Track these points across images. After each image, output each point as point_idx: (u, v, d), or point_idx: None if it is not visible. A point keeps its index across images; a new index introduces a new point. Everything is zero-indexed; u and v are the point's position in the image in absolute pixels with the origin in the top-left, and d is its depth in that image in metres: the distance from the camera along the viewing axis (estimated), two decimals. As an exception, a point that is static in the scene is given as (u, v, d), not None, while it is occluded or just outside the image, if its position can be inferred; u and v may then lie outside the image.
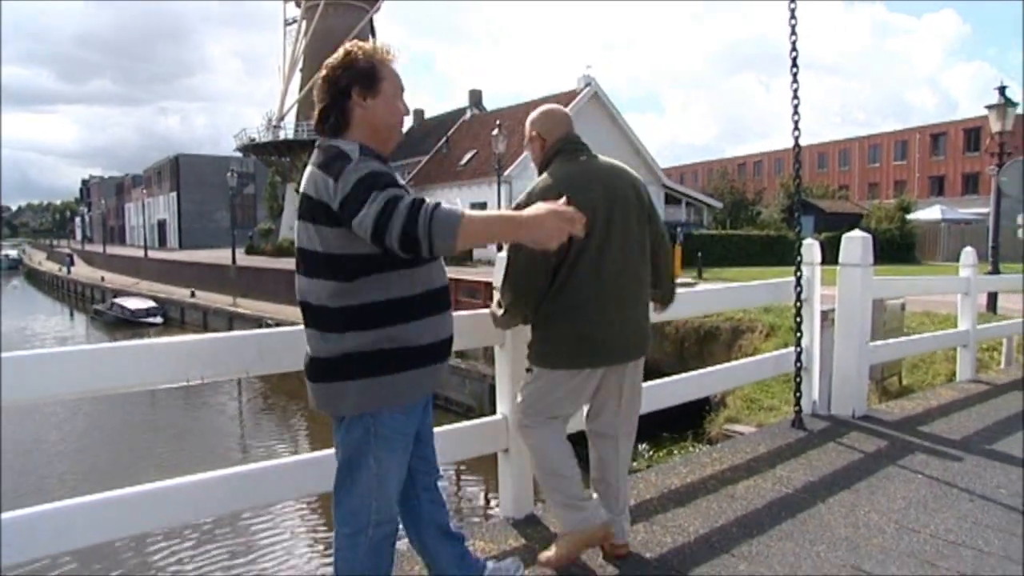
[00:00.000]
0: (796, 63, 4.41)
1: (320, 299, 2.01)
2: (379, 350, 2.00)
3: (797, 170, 4.77)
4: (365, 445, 2.05)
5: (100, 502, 2.32)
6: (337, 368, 2.02)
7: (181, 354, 2.42)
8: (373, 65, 2.08)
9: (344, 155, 1.95)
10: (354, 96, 2.06)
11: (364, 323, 1.99)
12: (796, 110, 4.50)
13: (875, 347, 5.49)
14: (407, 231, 1.79)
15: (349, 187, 1.88)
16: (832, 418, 4.96)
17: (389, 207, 1.82)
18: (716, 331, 11.70)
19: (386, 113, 2.10)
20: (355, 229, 1.88)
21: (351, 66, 2.07)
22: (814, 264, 4.95)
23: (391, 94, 2.11)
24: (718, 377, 4.77)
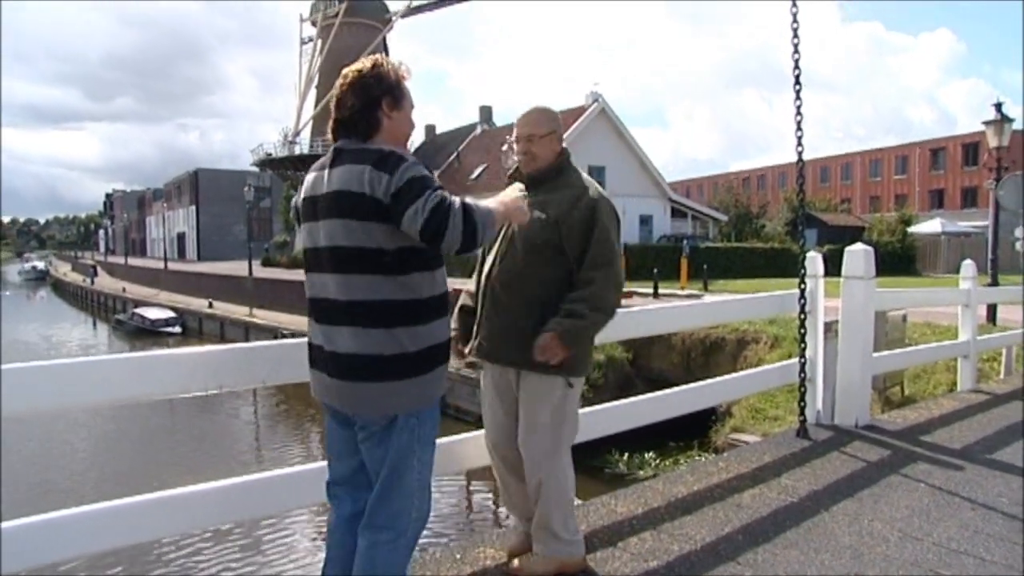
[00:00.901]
0: (799, 80, 4.41)
1: (377, 294, 1.98)
2: (429, 347, 2.03)
3: (801, 184, 4.77)
4: (409, 449, 2.06)
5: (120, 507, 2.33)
6: (393, 366, 1.99)
7: (199, 365, 2.44)
8: (400, 80, 2.14)
9: (398, 154, 2.00)
10: (384, 106, 2.10)
11: (419, 318, 2.02)
12: (799, 126, 4.50)
13: (878, 358, 5.47)
14: (467, 229, 1.93)
15: (403, 182, 1.93)
16: (836, 428, 4.93)
17: (445, 205, 1.92)
18: (722, 342, 11.66)
19: (407, 126, 2.18)
20: (404, 222, 1.93)
21: (384, 78, 2.11)
22: (817, 277, 4.93)
23: (408, 111, 2.18)
24: (724, 387, 4.76)
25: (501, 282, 2.68)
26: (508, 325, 2.65)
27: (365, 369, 2.01)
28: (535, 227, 2.56)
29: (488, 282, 2.72)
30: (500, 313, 2.67)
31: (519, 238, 2.64)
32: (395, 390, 2.01)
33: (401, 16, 47.92)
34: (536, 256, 2.62)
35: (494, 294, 2.69)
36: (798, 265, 4.69)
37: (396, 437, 2.05)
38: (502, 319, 2.66)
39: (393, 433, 2.05)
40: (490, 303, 2.70)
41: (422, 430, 2.08)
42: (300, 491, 2.67)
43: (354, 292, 2.01)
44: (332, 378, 2.08)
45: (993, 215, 12.31)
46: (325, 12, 46.67)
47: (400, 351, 2.00)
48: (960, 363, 6.85)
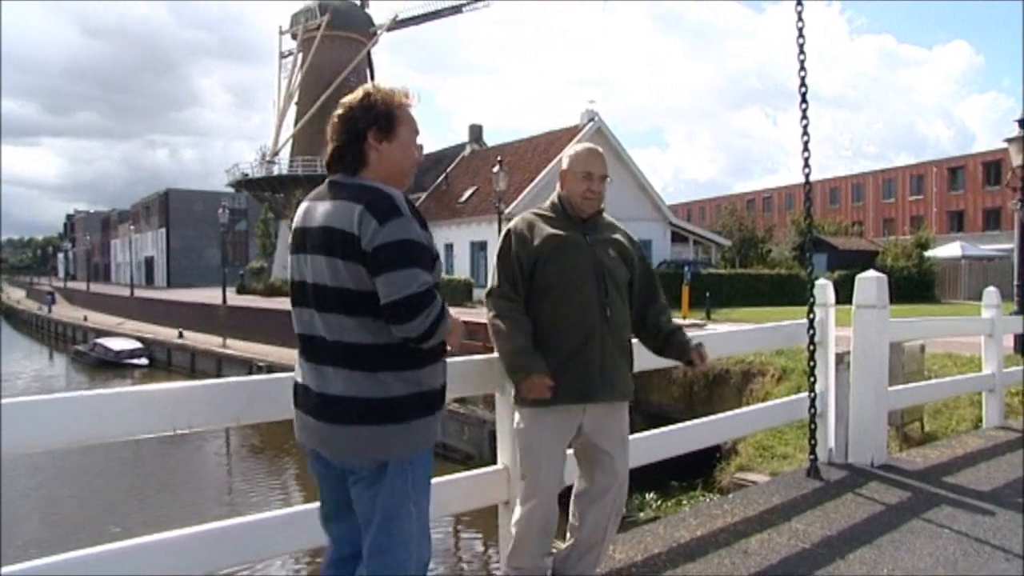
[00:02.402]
0: (805, 98, 4.47)
1: (363, 337, 2.04)
2: (421, 392, 2.09)
3: (808, 207, 4.81)
4: (404, 494, 2.08)
5: (71, 561, 2.25)
6: (380, 410, 2.04)
7: (167, 402, 2.41)
8: (391, 110, 2.16)
9: (397, 207, 2.03)
10: (370, 138, 2.14)
11: (408, 363, 2.07)
12: (806, 146, 4.55)
13: (894, 392, 5.46)
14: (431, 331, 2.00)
15: (391, 240, 1.98)
16: (850, 467, 4.91)
17: (430, 297, 2.00)
18: (726, 375, 11.65)
19: (401, 157, 2.18)
20: (376, 280, 1.99)
21: (370, 109, 2.14)
22: (827, 305, 4.95)
23: (407, 139, 2.19)
24: (729, 423, 4.75)
25: (620, 324, 2.90)
26: (626, 364, 2.94)
27: (352, 412, 2.04)
28: (621, 269, 2.92)
29: (605, 324, 2.83)
30: (624, 353, 2.92)
31: (619, 280, 2.90)
32: (384, 435, 2.04)
33: (387, 30, 48.48)
34: (625, 297, 2.95)
35: (617, 336, 2.87)
36: (806, 293, 4.72)
37: (388, 483, 2.07)
38: (626, 359, 2.93)
39: (385, 479, 2.07)
40: (615, 345, 2.86)
41: (416, 474, 2.11)
42: (278, 537, 2.64)
43: (339, 333, 2.06)
44: (318, 421, 2.10)
45: (1019, 237, 12.13)
46: (306, 24, 47.14)
47: (387, 395, 2.04)
48: (985, 397, 6.83)
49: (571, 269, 2.82)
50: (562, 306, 2.82)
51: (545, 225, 2.91)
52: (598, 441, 2.86)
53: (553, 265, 2.83)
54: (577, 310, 2.81)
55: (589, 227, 2.93)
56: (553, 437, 2.84)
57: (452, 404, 14.03)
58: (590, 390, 2.80)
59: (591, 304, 2.81)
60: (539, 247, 2.85)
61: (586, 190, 2.91)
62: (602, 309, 2.81)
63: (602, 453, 2.86)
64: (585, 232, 2.91)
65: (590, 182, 2.92)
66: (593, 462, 2.89)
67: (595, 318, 2.80)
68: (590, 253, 2.85)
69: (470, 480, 3.24)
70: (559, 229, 2.89)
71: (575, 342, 2.79)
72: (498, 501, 3.26)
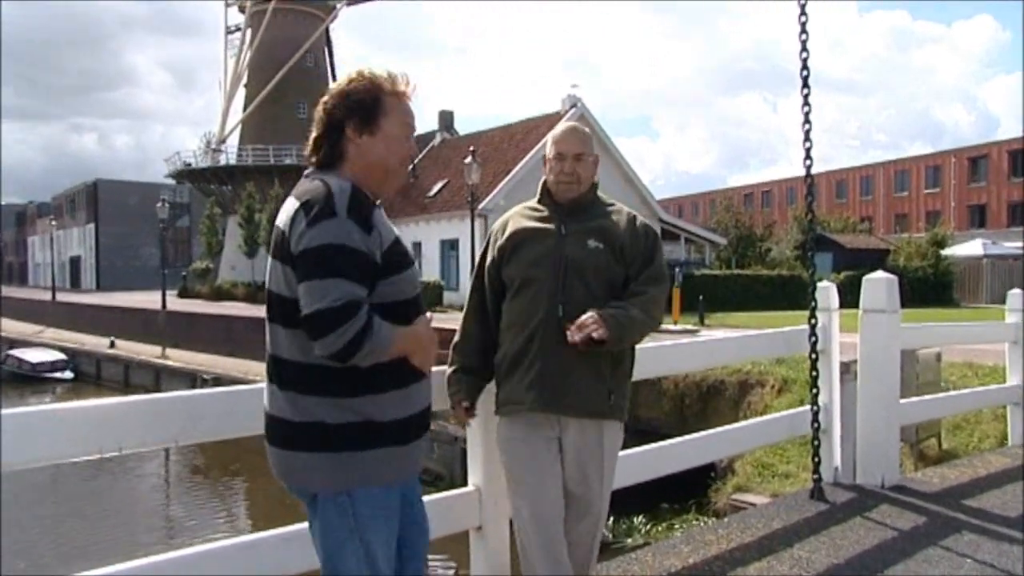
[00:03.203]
0: (808, 83, 4.51)
1: (290, 352, 2.04)
2: (365, 422, 2.04)
3: (810, 202, 4.85)
4: (346, 531, 2.05)
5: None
6: (306, 436, 2.03)
7: (93, 421, 2.35)
8: (377, 98, 2.12)
9: (331, 206, 1.98)
10: (348, 131, 2.12)
11: (344, 388, 2.03)
12: (808, 135, 4.59)
13: (906, 405, 5.49)
14: (349, 349, 1.92)
15: (313, 244, 1.94)
16: (858, 488, 4.95)
17: (348, 312, 1.91)
18: (721, 386, 11.70)
19: (385, 153, 2.14)
20: (298, 289, 1.97)
21: (348, 97, 2.12)
22: (831, 310, 4.99)
23: (394, 133, 2.15)
24: (724, 440, 4.77)
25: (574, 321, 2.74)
26: (595, 373, 2.77)
27: (276, 434, 2.09)
28: (601, 259, 2.78)
29: (554, 323, 2.73)
30: (587, 361, 2.73)
31: (589, 273, 2.78)
32: (308, 463, 2.04)
33: (347, 3, 48.30)
34: (611, 291, 2.80)
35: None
36: (808, 297, 4.75)
37: (323, 517, 2.07)
38: (592, 368, 2.76)
39: (319, 511, 2.08)
40: (570, 349, 2.69)
41: (360, 510, 2.05)
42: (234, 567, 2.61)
43: (273, 345, 2.09)
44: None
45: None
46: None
47: (311, 419, 2.03)
48: (1010, 411, 6.82)
49: (528, 263, 2.81)
50: (514, 305, 2.85)
51: (522, 218, 2.92)
52: (570, 468, 2.83)
53: (513, 261, 2.85)
54: (526, 308, 2.80)
55: (571, 214, 2.88)
56: (529, 449, 2.81)
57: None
58: (525, 399, 2.77)
59: (541, 301, 2.77)
60: (504, 244, 2.89)
61: (559, 172, 2.88)
62: (554, 306, 2.75)
63: (575, 483, 2.83)
64: (564, 221, 2.86)
65: (563, 163, 2.88)
66: (567, 495, 2.85)
67: (543, 317, 2.76)
68: (555, 244, 2.81)
69: (438, 503, 3.22)
70: (537, 221, 2.89)
71: (519, 343, 2.80)
72: (469, 527, 3.26)
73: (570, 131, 2.98)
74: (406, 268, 2.12)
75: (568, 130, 2.99)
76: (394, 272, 2.08)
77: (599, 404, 2.79)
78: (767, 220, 46.26)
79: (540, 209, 2.94)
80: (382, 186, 2.17)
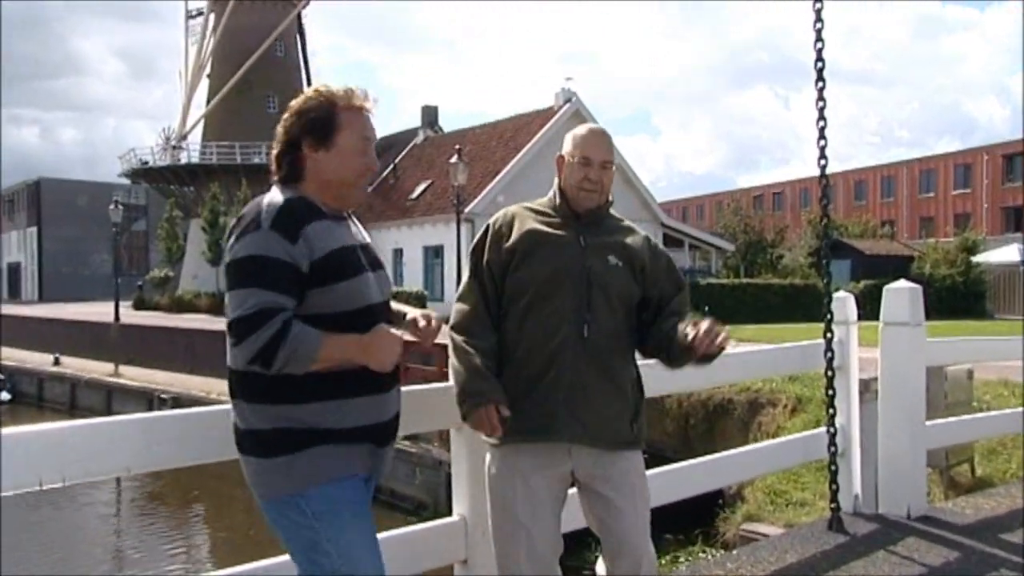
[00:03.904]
0: (822, 76, 4.54)
1: (233, 361, 2.24)
2: (285, 428, 2.24)
3: (825, 205, 4.87)
4: (307, 530, 2.24)
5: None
6: (246, 442, 2.29)
7: (32, 448, 2.29)
8: (332, 115, 2.34)
9: (257, 220, 2.23)
10: (305, 148, 2.35)
11: (259, 396, 2.24)
12: (822, 133, 4.62)
13: (934, 427, 5.47)
14: (262, 356, 2.13)
15: (235, 257, 2.22)
16: (881, 518, 4.94)
17: (261, 319, 2.13)
18: (729, 405, 11.72)
19: (340, 168, 2.35)
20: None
21: (303, 115, 2.35)
22: (848, 323, 5.00)
23: (350, 147, 2.35)
24: (733, 464, 4.78)
25: (605, 348, 2.79)
26: (621, 399, 2.83)
27: (235, 441, 2.35)
28: (622, 278, 2.84)
29: (580, 345, 2.76)
30: (612, 386, 2.80)
31: (612, 291, 2.81)
32: (250, 468, 2.29)
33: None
34: (629, 312, 2.88)
35: (599, 363, 2.78)
36: (823, 309, 4.75)
37: (278, 524, 2.29)
38: (618, 394, 2.82)
39: (269, 513, 2.30)
40: (596, 374, 2.76)
41: (317, 509, 2.23)
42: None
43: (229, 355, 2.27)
44: None
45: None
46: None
47: (248, 427, 2.27)
48: (1052, 435, 6.82)
49: (546, 273, 2.78)
50: (528, 319, 2.79)
51: (531, 220, 2.89)
52: (595, 504, 2.82)
53: (525, 267, 2.81)
54: (545, 325, 2.77)
55: (588, 225, 2.89)
56: (530, 486, 2.76)
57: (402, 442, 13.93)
58: (548, 427, 2.73)
59: (564, 318, 2.75)
60: (513, 245, 2.84)
61: (583, 179, 2.87)
62: (578, 325, 2.74)
63: (603, 518, 2.81)
64: (581, 231, 2.86)
65: (588, 169, 2.87)
66: (600, 532, 2.85)
67: (567, 336, 2.74)
68: (578, 256, 2.80)
69: (420, 535, 3.23)
70: (547, 226, 2.86)
71: (537, 365, 2.76)
72: (454, 560, 3.25)
73: (599, 135, 2.97)
74: (349, 277, 2.29)
75: (597, 134, 2.98)
76: (331, 281, 2.25)
77: (624, 433, 2.82)
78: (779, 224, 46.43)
79: (549, 213, 2.92)
80: (341, 199, 2.39)
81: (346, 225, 2.41)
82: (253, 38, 45.58)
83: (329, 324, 2.22)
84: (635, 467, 2.86)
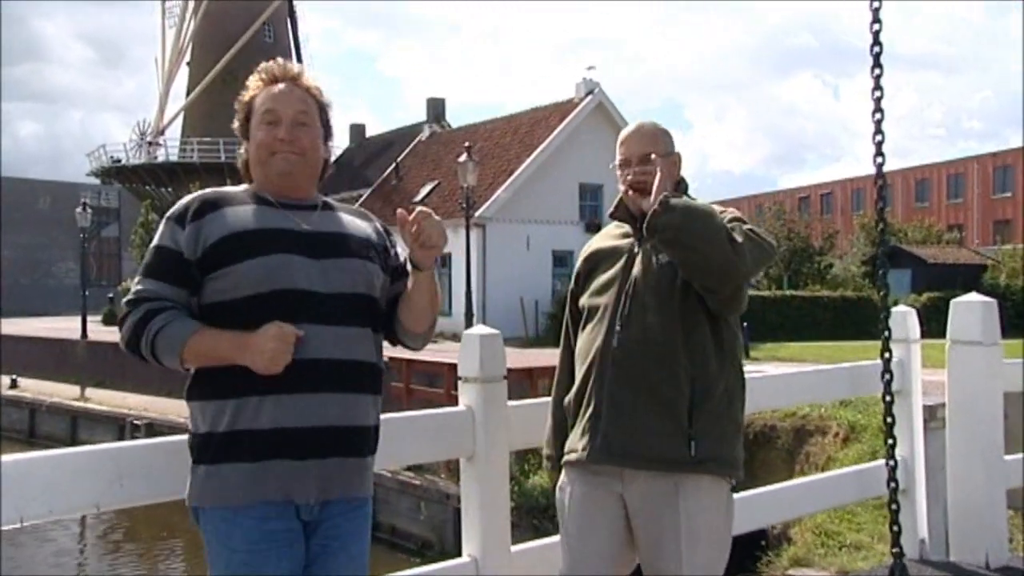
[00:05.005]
0: (879, 62, 4.50)
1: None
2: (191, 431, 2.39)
3: (881, 208, 4.83)
4: (212, 550, 2.35)
5: None
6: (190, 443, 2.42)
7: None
8: (247, 102, 2.56)
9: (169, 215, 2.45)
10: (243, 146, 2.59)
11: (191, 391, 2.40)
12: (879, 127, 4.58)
13: (1013, 462, 5.38)
14: (129, 345, 2.34)
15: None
16: (953, 567, 4.85)
17: (131, 306, 2.34)
18: (771, 433, 11.70)
19: (254, 152, 2.54)
20: None
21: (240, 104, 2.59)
22: (910, 341, 4.95)
23: (255, 127, 2.53)
24: (777, 500, 4.75)
25: (638, 354, 2.83)
26: (667, 414, 2.80)
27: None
28: (667, 275, 2.83)
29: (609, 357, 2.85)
30: (650, 398, 2.81)
31: (651, 294, 2.84)
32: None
33: (313, -35, 48.61)
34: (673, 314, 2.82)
35: (628, 372, 2.83)
36: (880, 325, 4.71)
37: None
38: (661, 405, 2.80)
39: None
40: (627, 385, 2.83)
41: (207, 528, 2.35)
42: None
43: None
44: None
45: None
46: (201, -44, 47.23)
47: (192, 429, 2.40)
48: None
49: (597, 289, 2.97)
50: (580, 338, 3.02)
51: (601, 237, 3.16)
52: (639, 538, 2.84)
53: (585, 290, 3.03)
54: (585, 343, 2.95)
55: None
56: (583, 504, 2.90)
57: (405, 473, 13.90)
58: (576, 446, 2.88)
59: (599, 330, 2.88)
60: (579, 269, 3.11)
61: (624, 180, 2.99)
62: (608, 337, 2.84)
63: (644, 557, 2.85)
64: (640, 237, 2.93)
65: (627, 170, 2.98)
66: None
67: (598, 350, 2.86)
68: (625, 264, 2.92)
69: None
70: (616, 239, 3.05)
71: (579, 382, 2.95)
72: (465, 610, 3.23)
73: (634, 130, 3.06)
74: (249, 257, 2.33)
75: (631, 130, 3.07)
76: (227, 263, 2.33)
77: (672, 452, 2.75)
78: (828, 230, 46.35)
79: (621, 225, 3.08)
80: (276, 187, 2.49)
81: (288, 213, 2.46)
82: (239, 22, 45.97)
83: (232, 312, 2.31)
84: (692, 500, 2.76)
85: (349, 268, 2.45)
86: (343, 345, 2.37)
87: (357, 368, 2.41)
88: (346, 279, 2.43)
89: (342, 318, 2.38)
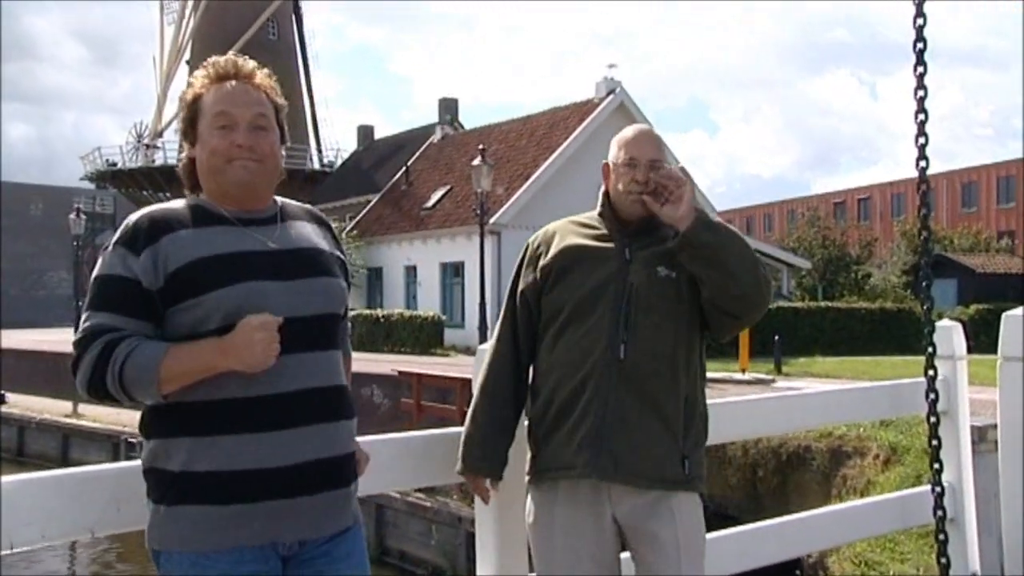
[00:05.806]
0: (922, 59, 4.48)
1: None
2: (150, 468, 2.31)
3: (925, 215, 4.80)
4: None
5: None
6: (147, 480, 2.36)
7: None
8: (193, 102, 2.42)
9: (114, 237, 2.35)
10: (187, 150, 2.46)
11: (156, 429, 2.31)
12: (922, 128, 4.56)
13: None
14: (91, 386, 2.24)
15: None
16: (1007, 603, 4.83)
17: (86, 343, 2.22)
18: (806, 454, 11.64)
19: (204, 158, 2.40)
20: None
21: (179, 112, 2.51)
22: (956, 358, 4.91)
23: (205, 129, 2.40)
24: (813, 528, 4.71)
25: (645, 371, 2.86)
26: (665, 431, 2.87)
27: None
28: (671, 290, 2.90)
29: (614, 368, 2.85)
30: (653, 414, 2.85)
31: (656, 306, 2.89)
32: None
33: (318, -42, 48.91)
34: (679, 329, 2.93)
35: (637, 388, 2.85)
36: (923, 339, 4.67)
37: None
38: (660, 422, 2.86)
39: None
40: (634, 400, 2.84)
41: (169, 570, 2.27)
42: None
43: None
44: None
45: None
46: (201, -50, 47.54)
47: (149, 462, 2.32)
48: None
49: (583, 292, 2.91)
50: (560, 343, 2.94)
51: (573, 234, 3.04)
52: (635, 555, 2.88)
53: (560, 287, 2.96)
54: (576, 348, 2.89)
55: (637, 235, 2.99)
56: (571, 530, 2.87)
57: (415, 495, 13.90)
58: (573, 463, 2.85)
59: (598, 340, 2.86)
60: (549, 263, 2.99)
61: (630, 181, 2.97)
62: (614, 347, 2.84)
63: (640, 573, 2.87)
64: (628, 242, 2.96)
65: (634, 170, 2.97)
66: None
67: (600, 359, 2.85)
68: (620, 269, 2.91)
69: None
70: (591, 239, 3.00)
71: (567, 393, 2.89)
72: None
73: (643, 133, 3.10)
74: (215, 288, 2.25)
75: (641, 132, 3.11)
76: (192, 295, 2.25)
77: (671, 470, 2.85)
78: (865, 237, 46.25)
79: (595, 226, 3.06)
80: (228, 196, 2.40)
81: (250, 232, 2.38)
82: (241, 18, 46.23)
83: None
84: (684, 516, 2.88)
85: (318, 288, 2.42)
86: (322, 372, 2.37)
87: (337, 394, 2.40)
88: (317, 300, 2.40)
89: (316, 342, 2.37)
